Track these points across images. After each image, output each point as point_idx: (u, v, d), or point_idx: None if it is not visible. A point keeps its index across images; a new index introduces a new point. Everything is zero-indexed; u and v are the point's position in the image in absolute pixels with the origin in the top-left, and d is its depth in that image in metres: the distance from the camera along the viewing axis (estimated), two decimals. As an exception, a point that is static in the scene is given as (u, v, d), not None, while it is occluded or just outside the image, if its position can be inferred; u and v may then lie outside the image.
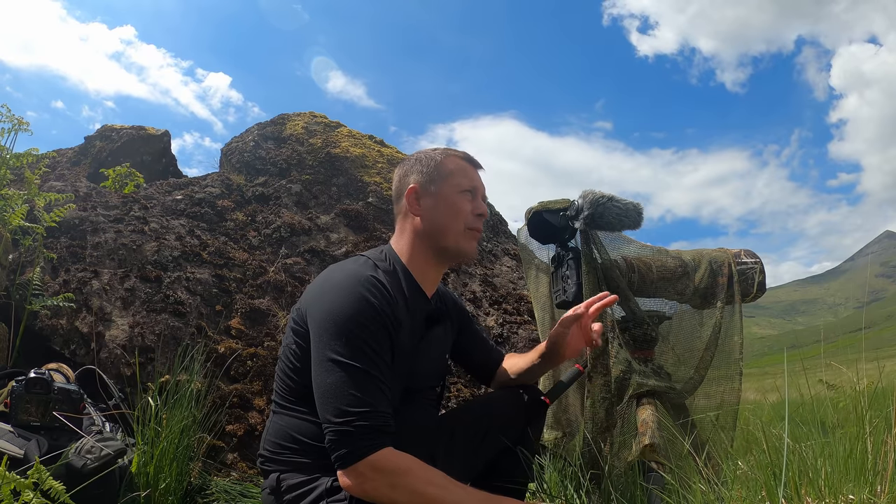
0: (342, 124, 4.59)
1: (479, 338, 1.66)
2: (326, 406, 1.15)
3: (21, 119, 2.53)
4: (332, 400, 1.14)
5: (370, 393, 1.15)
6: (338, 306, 1.20)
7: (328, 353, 1.17)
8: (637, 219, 1.82)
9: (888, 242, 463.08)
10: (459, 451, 1.44)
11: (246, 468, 2.40)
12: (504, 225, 4.27)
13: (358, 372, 1.15)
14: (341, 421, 1.12)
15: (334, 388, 1.14)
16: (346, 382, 1.14)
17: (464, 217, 1.37)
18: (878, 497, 1.00)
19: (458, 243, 1.38)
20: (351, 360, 1.15)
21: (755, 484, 1.16)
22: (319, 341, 1.20)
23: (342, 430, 1.12)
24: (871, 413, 1.27)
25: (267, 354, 2.77)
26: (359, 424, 1.12)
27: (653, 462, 1.58)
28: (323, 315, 1.21)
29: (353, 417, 1.12)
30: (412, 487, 1.12)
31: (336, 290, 1.24)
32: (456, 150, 1.45)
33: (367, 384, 1.15)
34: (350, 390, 1.13)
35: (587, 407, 1.81)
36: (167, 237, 3.16)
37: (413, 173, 1.40)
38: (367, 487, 1.12)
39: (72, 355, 2.52)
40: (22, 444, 1.53)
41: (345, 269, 1.30)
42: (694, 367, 1.87)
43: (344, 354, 1.16)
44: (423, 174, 1.39)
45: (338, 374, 1.15)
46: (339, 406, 1.13)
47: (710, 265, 1.92)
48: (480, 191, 1.43)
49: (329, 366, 1.16)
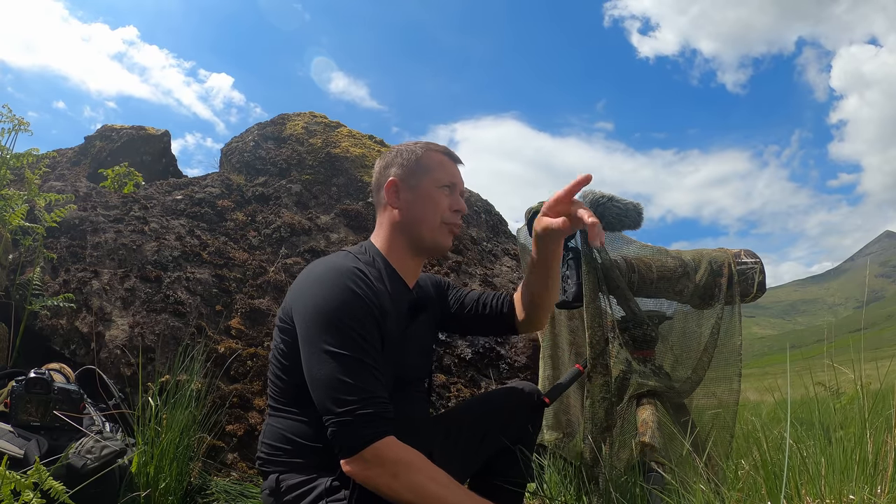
0: (342, 124, 4.59)
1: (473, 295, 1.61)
2: (325, 397, 1.15)
3: (21, 119, 2.53)
4: (329, 391, 1.14)
5: (366, 380, 1.15)
6: (322, 299, 1.21)
7: (319, 345, 1.17)
8: (637, 219, 1.82)
9: (888, 242, 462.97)
10: (458, 450, 1.44)
11: (246, 468, 2.40)
12: (504, 225, 4.27)
13: (351, 360, 1.15)
14: (342, 411, 1.13)
15: (330, 378, 1.15)
16: (341, 372, 1.14)
17: (441, 212, 1.38)
18: (879, 497, 1.00)
19: (434, 237, 1.39)
20: (342, 349, 1.16)
21: (755, 484, 1.16)
22: (308, 335, 1.20)
23: (344, 420, 1.13)
24: (872, 413, 1.27)
25: (267, 354, 2.77)
26: (360, 413, 1.13)
27: (653, 462, 1.58)
28: (309, 309, 1.22)
29: (353, 406, 1.13)
30: (413, 482, 1.13)
31: (319, 284, 1.24)
32: (436, 145, 1.45)
33: (361, 372, 1.16)
34: (346, 379, 1.14)
35: (587, 407, 1.81)
36: (167, 237, 3.16)
37: (393, 166, 1.41)
38: (370, 474, 1.13)
39: (72, 355, 2.52)
40: (22, 444, 1.53)
41: (326, 263, 1.31)
42: (693, 367, 1.87)
43: (334, 344, 1.16)
44: (403, 167, 1.40)
45: (331, 365, 1.15)
46: (338, 396, 1.13)
47: (710, 265, 1.92)
48: (459, 186, 1.44)
49: (322, 357, 1.16)
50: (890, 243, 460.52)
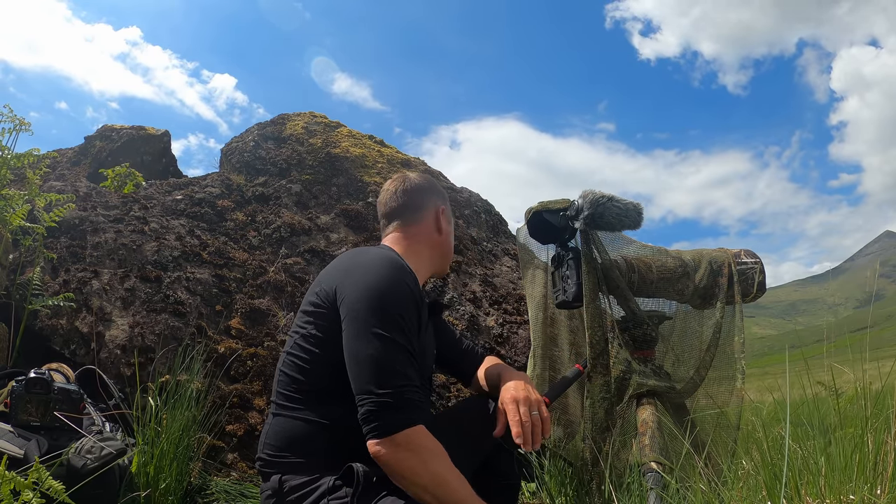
0: (342, 124, 4.59)
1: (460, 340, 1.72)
2: (367, 377, 1.18)
3: (22, 119, 2.53)
4: (373, 371, 1.17)
5: (407, 367, 1.20)
6: (375, 283, 1.25)
7: (368, 326, 1.21)
8: (637, 219, 1.82)
9: (888, 242, 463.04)
10: (458, 450, 1.44)
11: (246, 468, 2.40)
12: (504, 225, 4.27)
13: (397, 346, 1.20)
14: (383, 392, 1.15)
15: (375, 359, 1.18)
16: (387, 355, 1.18)
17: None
18: (879, 497, 1.00)
19: (446, 268, 1.61)
20: (390, 334, 1.20)
21: (755, 484, 1.16)
22: (356, 316, 1.23)
23: (384, 402, 1.15)
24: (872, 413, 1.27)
25: (267, 354, 2.77)
26: (400, 397, 1.16)
27: (653, 462, 1.58)
28: (360, 292, 1.25)
29: (394, 389, 1.16)
30: (437, 471, 1.17)
31: (371, 270, 1.29)
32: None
33: (405, 359, 1.20)
34: (391, 363, 1.18)
35: (587, 407, 1.81)
36: (167, 237, 3.16)
37: (436, 195, 1.56)
38: (400, 457, 1.15)
39: (72, 355, 2.52)
40: (22, 444, 1.53)
41: (374, 253, 1.37)
42: (694, 367, 1.87)
43: (384, 328, 1.20)
44: (445, 201, 1.58)
45: (378, 347, 1.19)
46: (381, 378, 1.16)
47: (710, 265, 1.92)
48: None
49: (370, 337, 1.20)
50: (890, 243, 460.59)
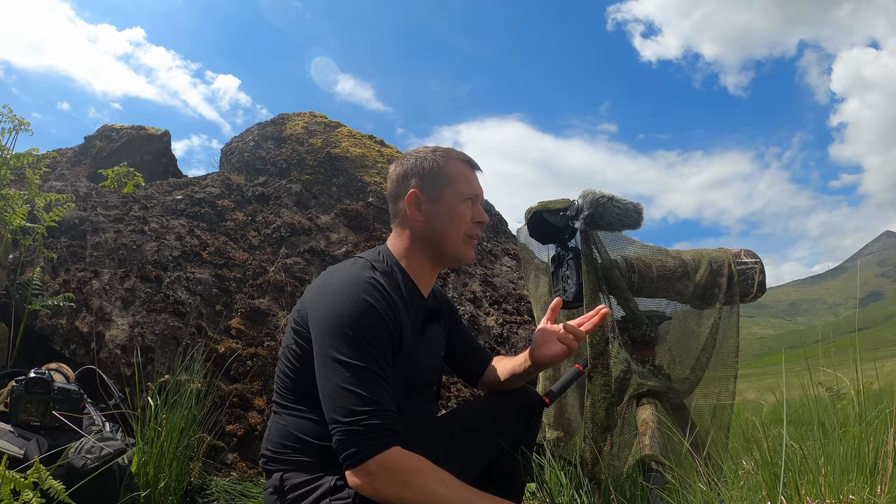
0: (342, 124, 4.59)
1: (468, 338, 1.65)
2: (333, 406, 1.15)
3: (22, 119, 2.53)
4: (338, 400, 1.14)
5: (375, 392, 1.15)
6: (338, 309, 1.21)
7: (332, 354, 1.17)
8: (637, 219, 1.82)
9: (888, 242, 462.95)
10: (460, 452, 1.45)
11: (246, 468, 2.40)
12: (504, 225, 4.27)
13: (362, 371, 1.16)
14: (349, 421, 1.13)
15: (340, 388, 1.15)
16: (352, 382, 1.14)
17: (465, 225, 1.37)
18: (878, 497, 1.00)
19: (456, 250, 1.37)
20: (355, 359, 1.16)
21: (755, 484, 1.16)
22: (322, 343, 1.20)
23: (351, 430, 1.12)
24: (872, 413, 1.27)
25: (267, 354, 2.77)
26: (367, 423, 1.12)
27: (653, 462, 1.58)
28: (324, 318, 1.22)
29: (360, 416, 1.12)
30: (422, 485, 1.13)
31: (336, 294, 1.24)
32: (456, 152, 1.41)
33: (371, 383, 1.15)
34: (356, 389, 1.14)
35: (587, 407, 1.81)
36: (167, 237, 3.16)
37: (413, 176, 1.36)
38: (377, 486, 1.12)
39: (72, 355, 2.52)
40: (22, 444, 1.53)
41: (343, 272, 1.30)
42: (692, 367, 1.87)
43: (347, 354, 1.16)
44: (424, 178, 1.36)
45: (342, 374, 1.15)
46: (346, 406, 1.13)
47: (710, 265, 1.92)
48: (481, 197, 1.42)
49: (334, 366, 1.17)
50: (890, 243, 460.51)
